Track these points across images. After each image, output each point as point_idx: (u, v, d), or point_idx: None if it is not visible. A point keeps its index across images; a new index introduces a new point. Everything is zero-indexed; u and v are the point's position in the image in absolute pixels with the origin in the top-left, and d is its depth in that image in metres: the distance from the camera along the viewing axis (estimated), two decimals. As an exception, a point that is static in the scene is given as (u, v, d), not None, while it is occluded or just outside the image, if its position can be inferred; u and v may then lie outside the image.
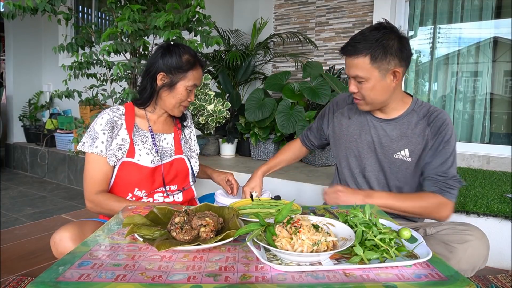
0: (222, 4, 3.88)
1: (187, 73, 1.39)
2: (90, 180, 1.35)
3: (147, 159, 1.39)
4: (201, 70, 1.45)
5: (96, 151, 1.34)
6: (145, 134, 1.43)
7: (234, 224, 0.94)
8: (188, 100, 1.44)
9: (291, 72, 3.30)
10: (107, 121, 1.36)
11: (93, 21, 4.61)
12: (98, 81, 2.63)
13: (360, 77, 1.26)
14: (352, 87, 1.30)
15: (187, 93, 1.42)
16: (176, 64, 1.38)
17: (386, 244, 0.82)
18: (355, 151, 1.44)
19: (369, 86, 1.27)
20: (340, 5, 3.33)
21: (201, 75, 1.46)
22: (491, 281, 1.71)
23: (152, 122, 1.47)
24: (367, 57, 1.23)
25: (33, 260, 1.97)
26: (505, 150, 2.84)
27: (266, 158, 3.19)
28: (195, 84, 1.43)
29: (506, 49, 3.00)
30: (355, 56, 1.25)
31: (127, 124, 1.40)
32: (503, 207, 1.88)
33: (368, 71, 1.24)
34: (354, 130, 1.45)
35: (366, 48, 1.23)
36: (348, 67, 1.29)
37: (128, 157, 1.36)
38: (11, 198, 3.36)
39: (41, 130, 4.55)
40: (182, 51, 1.40)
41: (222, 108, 2.90)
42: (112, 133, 1.36)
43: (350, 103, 1.51)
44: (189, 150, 1.57)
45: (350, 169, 1.48)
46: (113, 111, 1.40)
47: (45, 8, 2.21)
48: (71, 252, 0.83)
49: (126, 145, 1.37)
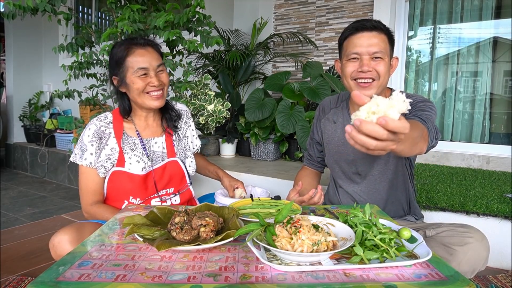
0: (222, 4, 3.88)
1: (125, 62, 1.31)
2: (84, 192, 1.36)
3: (138, 167, 1.36)
4: (142, 50, 1.31)
5: (86, 163, 1.34)
6: (134, 141, 1.40)
7: (234, 224, 0.94)
8: (150, 84, 1.32)
9: (291, 72, 3.30)
10: (94, 132, 1.35)
11: (93, 21, 4.60)
12: (98, 81, 2.63)
13: (381, 52, 1.24)
14: (366, 65, 1.24)
15: (141, 80, 1.31)
16: (113, 61, 1.34)
17: (386, 244, 0.82)
18: (345, 155, 1.43)
19: (386, 64, 1.26)
20: (340, 5, 3.33)
21: (144, 54, 1.31)
22: (491, 281, 1.71)
23: (142, 127, 1.43)
24: (386, 36, 1.26)
25: (33, 260, 1.97)
26: (505, 150, 2.84)
27: (266, 158, 3.19)
28: (143, 67, 1.30)
29: (506, 49, 3.00)
30: (378, 32, 1.24)
31: (115, 132, 1.38)
32: (503, 207, 1.88)
33: (387, 49, 1.26)
34: (340, 134, 1.43)
35: (384, 28, 1.26)
36: (367, 43, 1.24)
37: (118, 167, 1.35)
38: (11, 198, 3.36)
39: (41, 130, 4.55)
40: (115, 46, 1.34)
41: (222, 108, 2.90)
42: (100, 144, 1.35)
43: (334, 107, 1.49)
44: (184, 150, 1.53)
45: (344, 172, 1.47)
46: (100, 120, 1.38)
47: (45, 8, 2.21)
48: (71, 252, 0.83)
49: (115, 154, 1.36)
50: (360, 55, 1.25)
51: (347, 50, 1.28)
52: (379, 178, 1.40)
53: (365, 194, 1.43)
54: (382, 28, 1.26)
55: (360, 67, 1.25)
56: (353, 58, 1.27)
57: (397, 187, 1.41)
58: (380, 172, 1.39)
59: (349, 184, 1.47)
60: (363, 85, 1.27)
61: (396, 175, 1.39)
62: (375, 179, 1.41)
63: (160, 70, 1.35)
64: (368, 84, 1.26)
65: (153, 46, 1.36)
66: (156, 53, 1.35)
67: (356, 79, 1.27)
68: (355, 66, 1.27)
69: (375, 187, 1.41)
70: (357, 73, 1.26)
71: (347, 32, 1.29)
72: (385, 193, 1.41)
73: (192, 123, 1.61)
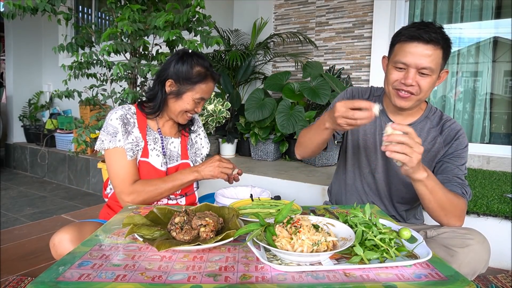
0: (222, 4, 3.88)
1: (196, 85, 1.36)
2: (121, 174, 1.31)
3: (158, 160, 1.39)
4: (212, 84, 1.41)
5: (120, 144, 1.32)
6: (155, 136, 1.43)
7: (234, 224, 0.94)
8: (195, 110, 1.41)
9: (291, 72, 3.30)
10: (121, 116, 1.35)
11: (93, 21, 4.60)
12: (98, 81, 2.63)
13: (430, 69, 1.16)
14: (411, 79, 1.17)
15: (193, 104, 1.39)
16: (185, 74, 1.35)
17: (386, 244, 0.82)
18: (367, 150, 1.41)
19: (431, 81, 1.19)
20: (340, 5, 3.33)
21: (211, 88, 1.42)
22: (491, 281, 1.71)
23: (161, 124, 1.46)
24: (442, 50, 1.17)
25: (33, 260, 1.97)
26: (505, 150, 2.84)
27: (266, 158, 3.19)
28: (203, 97, 1.39)
29: (506, 49, 3.00)
30: (434, 46, 1.15)
31: (139, 124, 1.39)
32: (503, 207, 1.88)
33: (438, 65, 1.18)
34: (368, 128, 1.40)
35: (443, 41, 1.16)
36: (419, 56, 1.15)
37: (143, 157, 1.37)
38: (11, 198, 3.36)
39: (41, 130, 4.56)
40: (195, 62, 1.36)
41: (222, 108, 2.90)
42: (127, 128, 1.35)
43: (366, 99, 1.42)
44: (195, 155, 1.56)
45: (359, 168, 1.44)
46: (125, 109, 1.39)
47: (45, 8, 2.21)
48: (71, 252, 0.83)
49: (140, 143, 1.37)
50: (408, 66, 1.18)
51: (396, 56, 1.21)
52: (392, 182, 1.38)
53: (373, 193, 1.43)
54: (439, 41, 1.15)
55: (404, 78, 1.19)
56: (400, 68, 1.21)
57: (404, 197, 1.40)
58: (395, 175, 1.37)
59: (359, 181, 1.45)
60: (402, 95, 1.22)
61: (408, 190, 1.36)
62: (387, 182, 1.40)
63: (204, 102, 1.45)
64: (407, 96, 1.22)
65: (216, 81, 1.44)
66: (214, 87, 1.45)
67: (397, 89, 1.23)
68: (399, 75, 1.21)
69: (384, 188, 1.41)
70: (400, 83, 1.21)
71: (402, 36, 1.20)
72: (393, 196, 1.40)
73: (202, 132, 1.62)
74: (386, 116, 1.37)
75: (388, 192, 1.41)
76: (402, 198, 1.39)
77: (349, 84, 3.17)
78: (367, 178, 1.43)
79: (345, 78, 3.26)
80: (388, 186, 1.40)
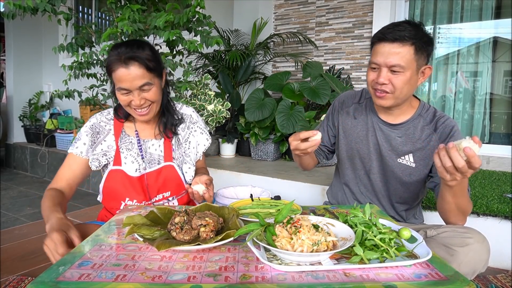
0: (222, 4, 3.88)
1: (111, 76, 1.24)
2: (58, 174, 1.33)
3: (132, 167, 1.34)
4: (124, 69, 1.19)
5: (76, 151, 1.33)
6: (131, 141, 1.37)
7: (234, 224, 0.94)
8: (132, 104, 1.25)
9: (291, 72, 3.30)
10: (92, 125, 1.36)
11: (93, 21, 4.61)
12: (98, 81, 2.63)
13: (400, 66, 1.18)
14: (383, 77, 1.21)
15: (125, 96, 1.23)
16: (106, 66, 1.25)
17: (386, 244, 0.82)
18: (361, 152, 1.42)
19: (405, 78, 1.20)
20: (340, 5, 3.33)
21: (127, 74, 1.19)
22: (491, 281, 1.71)
23: (141, 128, 1.40)
24: (413, 47, 1.18)
25: (33, 260, 1.97)
26: (505, 150, 2.84)
27: (266, 158, 3.19)
28: (120, 87, 1.21)
29: (506, 49, 3.00)
30: (401, 44, 1.17)
31: (115, 130, 1.37)
32: (503, 207, 1.88)
33: (410, 62, 1.19)
34: (360, 131, 1.42)
35: (413, 37, 1.17)
36: (387, 55, 1.19)
37: (115, 165, 1.33)
38: (11, 198, 3.36)
39: (41, 130, 4.56)
40: (112, 50, 1.23)
41: (222, 108, 2.90)
42: (97, 138, 1.35)
43: (356, 102, 1.46)
44: (183, 155, 1.44)
45: (354, 170, 1.46)
46: (102, 115, 1.38)
47: (45, 8, 2.22)
48: (71, 252, 0.83)
49: (111, 152, 1.35)
50: (379, 65, 1.22)
51: (371, 57, 1.26)
52: (390, 182, 1.39)
53: (370, 194, 1.43)
54: (406, 38, 1.17)
55: (377, 78, 1.23)
56: (374, 68, 1.24)
57: (403, 196, 1.40)
58: (391, 175, 1.38)
59: (355, 183, 1.46)
60: (378, 95, 1.26)
61: (406, 189, 1.37)
62: (384, 182, 1.40)
63: (145, 89, 1.24)
64: (383, 95, 1.25)
65: (138, 61, 1.20)
66: (141, 70, 1.21)
67: (374, 88, 1.26)
68: (374, 75, 1.25)
69: (381, 189, 1.41)
70: (375, 83, 1.25)
71: (374, 38, 1.25)
72: (391, 196, 1.41)
73: (198, 128, 1.49)
74: (377, 116, 1.38)
75: (386, 193, 1.41)
76: (401, 198, 1.40)
77: (349, 84, 3.17)
78: (363, 179, 1.44)
79: (345, 78, 3.26)
80: (386, 186, 1.40)
